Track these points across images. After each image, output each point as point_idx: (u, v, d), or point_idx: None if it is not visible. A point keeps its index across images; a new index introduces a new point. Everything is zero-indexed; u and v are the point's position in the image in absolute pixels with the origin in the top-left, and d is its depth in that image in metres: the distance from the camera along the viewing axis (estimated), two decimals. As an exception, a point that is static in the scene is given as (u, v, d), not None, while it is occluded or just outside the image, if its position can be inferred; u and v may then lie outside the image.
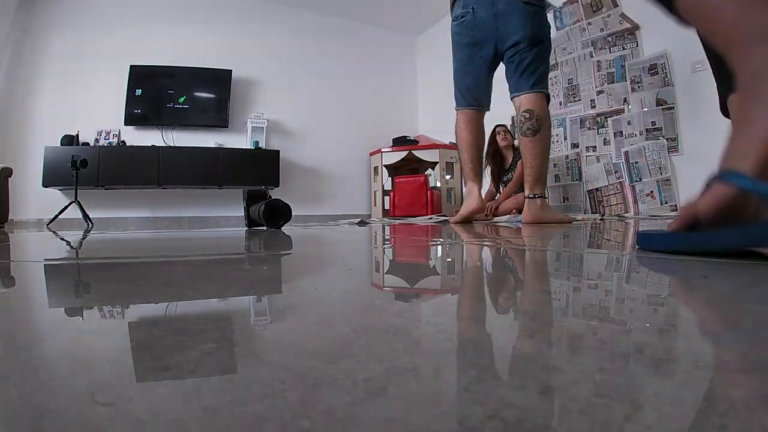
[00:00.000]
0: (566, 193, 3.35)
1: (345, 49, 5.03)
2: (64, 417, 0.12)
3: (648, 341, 0.20)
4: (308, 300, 0.33)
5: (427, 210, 3.74)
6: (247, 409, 0.13)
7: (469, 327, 0.25)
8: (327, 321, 0.26)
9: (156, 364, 0.17)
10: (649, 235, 0.58)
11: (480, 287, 0.41)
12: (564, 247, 0.76)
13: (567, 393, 0.14)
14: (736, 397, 0.13)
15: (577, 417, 0.11)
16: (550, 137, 1.85)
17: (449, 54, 2.16)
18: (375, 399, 0.13)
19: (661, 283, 0.39)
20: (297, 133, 4.66)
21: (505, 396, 0.13)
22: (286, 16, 4.80)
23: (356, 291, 0.38)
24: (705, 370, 0.16)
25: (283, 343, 0.21)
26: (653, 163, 2.74)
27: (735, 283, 0.36)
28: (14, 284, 0.45)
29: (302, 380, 0.15)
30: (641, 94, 2.78)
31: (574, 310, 0.29)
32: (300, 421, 0.12)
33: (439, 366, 0.17)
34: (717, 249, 0.47)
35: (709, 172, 0.52)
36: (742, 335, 0.21)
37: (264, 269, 0.56)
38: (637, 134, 2.81)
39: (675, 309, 0.30)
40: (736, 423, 0.11)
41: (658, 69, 2.71)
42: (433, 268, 0.58)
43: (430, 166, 4.19)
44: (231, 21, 4.56)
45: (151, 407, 0.13)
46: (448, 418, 0.12)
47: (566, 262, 0.56)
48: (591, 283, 0.40)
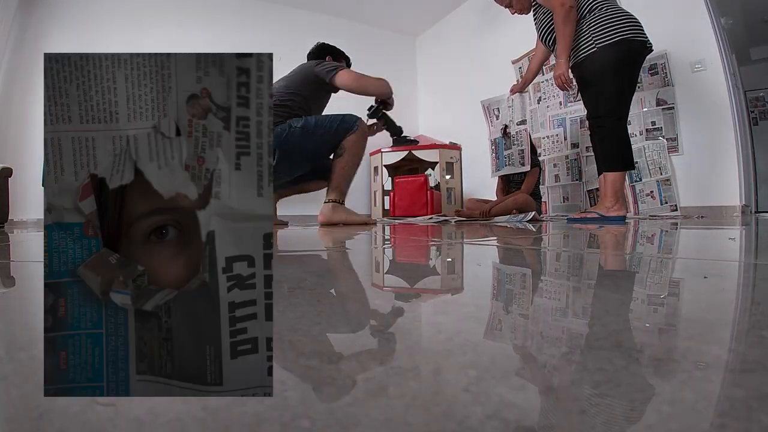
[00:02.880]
0: (566, 193, 3.35)
1: (345, 49, 5.02)
2: (64, 417, 0.12)
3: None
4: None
5: (427, 210, 3.74)
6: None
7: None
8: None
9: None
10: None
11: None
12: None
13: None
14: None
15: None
16: (354, 161, 2.10)
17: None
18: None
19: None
20: (297, 133, 4.65)
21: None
22: (286, 16, 4.80)
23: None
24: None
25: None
26: (653, 163, 2.74)
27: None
28: (14, 284, 0.45)
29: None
30: (641, 94, 2.78)
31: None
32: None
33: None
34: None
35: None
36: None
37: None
38: (637, 134, 2.81)
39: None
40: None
41: (658, 69, 2.71)
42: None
43: (430, 166, 4.19)
44: (230, 21, 4.55)
45: (151, 406, 0.13)
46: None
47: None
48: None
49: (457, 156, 4.22)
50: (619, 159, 1.96)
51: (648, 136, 2.78)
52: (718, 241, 0.91)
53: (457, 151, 4.23)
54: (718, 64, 2.47)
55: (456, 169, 4.19)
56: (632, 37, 1.87)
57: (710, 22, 2.47)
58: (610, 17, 1.90)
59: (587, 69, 1.95)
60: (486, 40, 4.17)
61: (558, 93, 3.37)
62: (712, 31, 2.47)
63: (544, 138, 3.51)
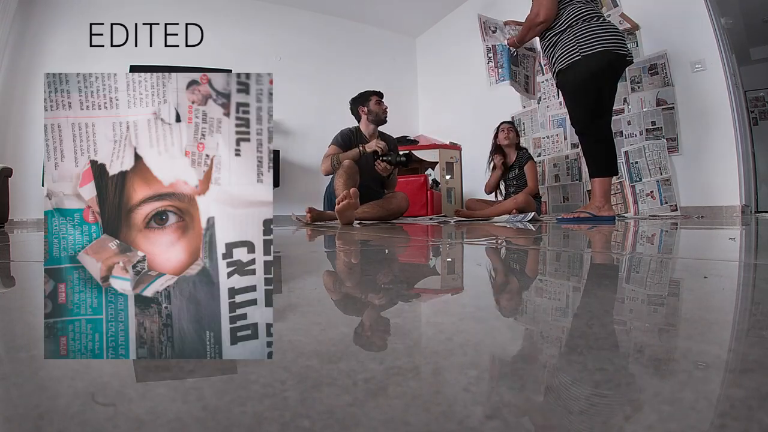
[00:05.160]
0: (566, 192, 3.35)
1: (345, 49, 5.02)
2: (64, 417, 0.12)
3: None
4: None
5: (427, 210, 3.74)
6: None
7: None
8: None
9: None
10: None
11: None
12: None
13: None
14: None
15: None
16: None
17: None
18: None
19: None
20: (297, 133, 4.65)
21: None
22: (286, 16, 4.80)
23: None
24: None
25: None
26: (653, 163, 2.74)
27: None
28: (14, 284, 0.45)
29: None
30: (641, 94, 2.78)
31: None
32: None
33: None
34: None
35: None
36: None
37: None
38: (637, 134, 2.81)
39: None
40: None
41: (658, 69, 2.71)
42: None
43: (430, 166, 4.19)
44: (231, 21, 4.55)
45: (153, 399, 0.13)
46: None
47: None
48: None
49: (457, 156, 4.21)
50: (603, 167, 2.07)
51: (648, 136, 2.77)
52: (718, 241, 0.91)
53: (457, 151, 4.22)
54: (718, 64, 2.47)
55: (456, 169, 4.19)
56: (613, 49, 1.95)
57: (710, 22, 2.47)
58: (593, 29, 1.97)
59: (570, 76, 2.03)
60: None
61: (557, 93, 3.37)
62: (712, 31, 2.47)
63: (544, 138, 3.51)
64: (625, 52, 1.98)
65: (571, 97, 2.10)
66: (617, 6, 2.97)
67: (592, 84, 1.97)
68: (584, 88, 2.00)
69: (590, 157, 2.11)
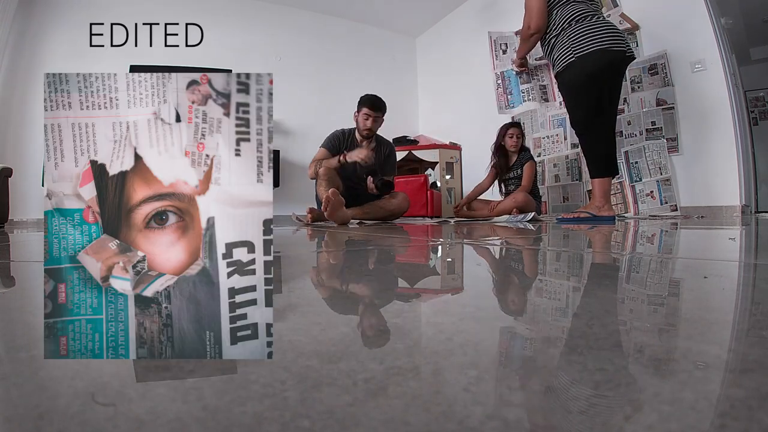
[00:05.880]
0: (566, 192, 3.35)
1: (345, 49, 5.02)
2: (64, 417, 0.12)
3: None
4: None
5: (428, 210, 3.74)
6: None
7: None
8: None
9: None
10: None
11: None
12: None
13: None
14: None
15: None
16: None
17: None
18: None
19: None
20: (297, 132, 4.65)
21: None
22: (286, 16, 4.80)
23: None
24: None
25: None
26: (653, 163, 2.74)
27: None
28: (14, 284, 0.45)
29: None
30: (641, 94, 2.78)
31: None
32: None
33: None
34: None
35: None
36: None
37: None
38: (637, 134, 2.81)
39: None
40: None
41: (658, 69, 2.71)
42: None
43: (430, 166, 4.19)
44: (231, 21, 4.55)
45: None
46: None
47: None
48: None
49: (457, 156, 4.21)
50: (603, 167, 2.07)
51: (648, 136, 2.77)
52: (718, 241, 0.91)
53: (457, 151, 4.22)
54: (718, 64, 2.47)
55: (456, 169, 4.19)
56: (608, 47, 1.91)
57: (710, 22, 2.47)
58: (586, 30, 1.95)
59: (566, 79, 2.03)
60: (486, 40, 4.16)
61: (558, 93, 3.37)
62: (712, 31, 2.47)
63: (544, 138, 3.51)
64: (623, 48, 1.94)
65: (569, 98, 2.10)
66: (617, 6, 2.97)
67: (589, 85, 1.96)
68: (581, 90, 1.99)
69: (590, 157, 2.11)
